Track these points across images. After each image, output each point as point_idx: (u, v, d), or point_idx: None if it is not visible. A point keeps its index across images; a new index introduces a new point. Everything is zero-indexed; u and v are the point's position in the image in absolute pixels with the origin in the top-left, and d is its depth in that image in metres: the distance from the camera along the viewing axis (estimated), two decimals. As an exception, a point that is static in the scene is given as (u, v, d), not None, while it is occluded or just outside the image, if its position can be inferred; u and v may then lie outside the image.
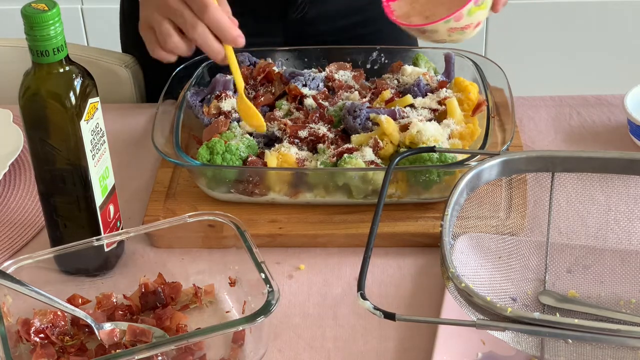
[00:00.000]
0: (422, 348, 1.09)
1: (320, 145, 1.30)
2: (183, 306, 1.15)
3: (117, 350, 1.05)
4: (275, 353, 1.11)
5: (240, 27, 1.23)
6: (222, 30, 1.21)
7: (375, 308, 0.95)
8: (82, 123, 1.10)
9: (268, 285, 1.04)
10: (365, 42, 1.52)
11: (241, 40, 1.24)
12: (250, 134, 1.32)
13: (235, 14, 1.25)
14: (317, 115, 1.35)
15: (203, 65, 1.46)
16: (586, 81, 2.63)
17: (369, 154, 1.26)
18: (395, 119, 1.31)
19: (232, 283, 1.15)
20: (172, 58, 1.26)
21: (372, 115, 1.31)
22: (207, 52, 1.24)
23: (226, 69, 1.45)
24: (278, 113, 1.36)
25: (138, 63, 1.67)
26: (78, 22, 2.62)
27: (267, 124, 1.34)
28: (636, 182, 1.12)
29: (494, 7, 1.24)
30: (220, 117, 1.35)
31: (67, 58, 1.09)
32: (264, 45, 1.51)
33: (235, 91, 1.41)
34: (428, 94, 1.37)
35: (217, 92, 1.40)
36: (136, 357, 0.98)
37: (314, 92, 1.40)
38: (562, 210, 1.14)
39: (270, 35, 1.58)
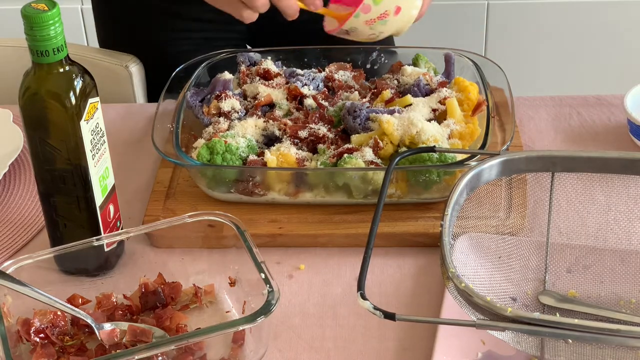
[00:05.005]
0: (422, 348, 1.09)
1: (320, 146, 1.30)
2: (183, 306, 1.15)
3: (117, 350, 1.05)
4: (275, 353, 1.11)
5: (202, 16, 1.22)
6: None
7: (375, 308, 0.95)
8: (82, 123, 1.10)
9: (268, 285, 1.04)
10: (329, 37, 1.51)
11: (319, 4, 1.28)
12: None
13: (196, 2, 1.24)
14: (317, 115, 1.34)
15: (203, 65, 1.46)
16: (586, 81, 2.63)
17: (369, 154, 1.26)
18: (395, 119, 1.31)
19: (232, 283, 1.15)
20: (255, 16, 1.31)
21: (372, 115, 1.31)
22: (282, 7, 1.28)
23: (226, 69, 1.45)
24: (278, 113, 1.36)
25: (139, 62, 1.67)
26: (78, 22, 2.62)
27: (267, 124, 1.34)
28: (636, 182, 1.12)
29: None
30: (220, 117, 1.36)
31: (67, 58, 1.09)
32: (229, 34, 1.49)
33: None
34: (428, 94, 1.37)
35: (217, 92, 1.40)
36: (136, 357, 0.98)
37: (314, 92, 1.40)
38: (562, 210, 1.14)
39: (234, 24, 1.58)
